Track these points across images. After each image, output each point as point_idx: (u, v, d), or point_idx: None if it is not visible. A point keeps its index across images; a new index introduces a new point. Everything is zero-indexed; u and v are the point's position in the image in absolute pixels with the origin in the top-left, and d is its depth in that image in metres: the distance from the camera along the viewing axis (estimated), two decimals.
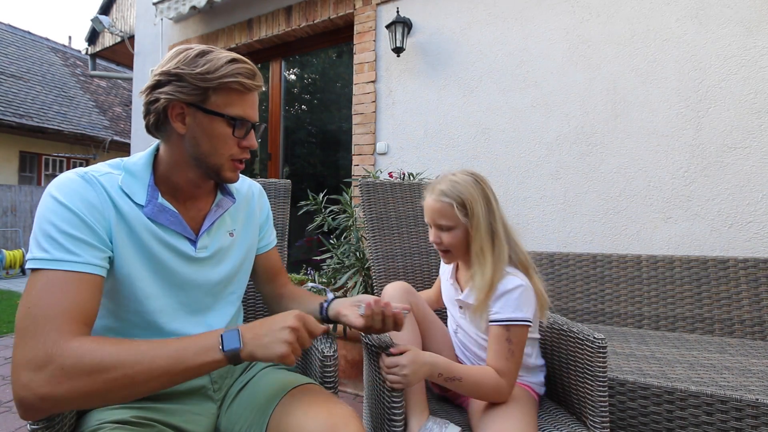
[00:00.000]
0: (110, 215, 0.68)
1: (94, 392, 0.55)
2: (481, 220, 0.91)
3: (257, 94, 0.76)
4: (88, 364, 0.54)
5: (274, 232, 1.03)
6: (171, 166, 0.74)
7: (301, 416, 0.69)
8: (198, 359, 0.59)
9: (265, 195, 0.99)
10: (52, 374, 0.53)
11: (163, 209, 0.73)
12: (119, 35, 5.52)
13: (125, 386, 0.56)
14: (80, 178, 0.67)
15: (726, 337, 1.57)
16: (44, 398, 0.53)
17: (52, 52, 9.92)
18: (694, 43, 1.90)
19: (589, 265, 1.85)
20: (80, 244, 0.62)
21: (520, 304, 0.88)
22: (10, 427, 1.73)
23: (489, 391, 0.87)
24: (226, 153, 0.73)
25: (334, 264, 2.09)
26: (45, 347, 0.54)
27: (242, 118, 0.71)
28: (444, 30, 2.55)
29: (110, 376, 0.55)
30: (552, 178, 2.20)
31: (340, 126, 3.32)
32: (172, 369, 0.58)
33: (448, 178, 0.96)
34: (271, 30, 3.30)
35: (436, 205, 0.95)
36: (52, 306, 0.57)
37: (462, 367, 0.89)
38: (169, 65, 0.68)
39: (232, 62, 0.69)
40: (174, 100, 0.68)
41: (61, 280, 0.59)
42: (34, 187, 7.24)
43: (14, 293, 4.64)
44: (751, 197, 1.77)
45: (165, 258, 0.73)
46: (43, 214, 0.62)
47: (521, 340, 0.88)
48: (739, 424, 1.04)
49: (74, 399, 0.54)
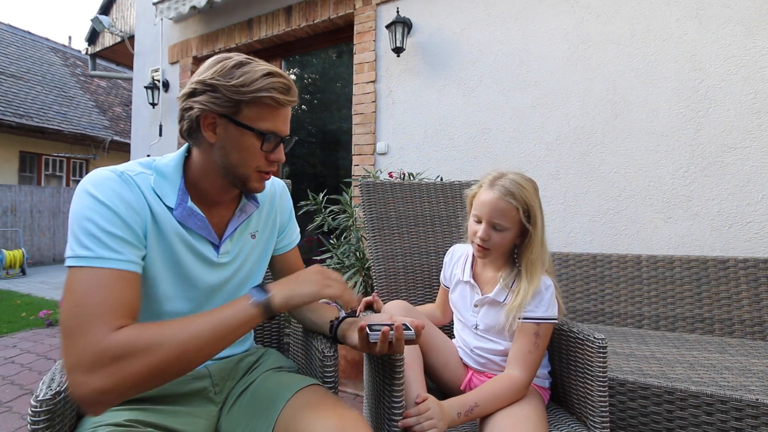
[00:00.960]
0: (146, 215, 0.68)
1: (149, 374, 0.56)
2: (539, 230, 0.93)
3: (290, 108, 0.76)
4: (138, 348, 0.56)
5: (297, 231, 1.01)
6: (201, 172, 0.75)
7: (310, 421, 0.69)
8: (236, 319, 0.63)
9: (288, 193, 0.98)
10: (105, 368, 0.54)
11: (192, 213, 0.74)
12: (119, 35, 5.52)
13: (176, 361, 0.58)
14: (117, 176, 0.67)
15: (726, 337, 1.57)
16: (104, 391, 0.54)
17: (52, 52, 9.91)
18: (694, 43, 1.90)
19: (589, 265, 1.85)
20: (122, 243, 0.63)
21: (552, 304, 0.92)
22: (10, 427, 1.73)
23: (507, 397, 0.88)
24: (254, 165, 0.73)
25: (334, 264, 2.09)
26: (95, 343, 0.55)
27: (272, 133, 0.72)
28: (444, 30, 2.55)
29: (161, 354, 0.56)
30: (552, 178, 2.20)
31: (340, 126, 3.32)
32: (214, 335, 0.61)
33: (510, 179, 0.93)
34: (271, 30, 3.30)
35: (500, 203, 0.91)
36: (99, 304, 0.58)
37: (471, 393, 0.89)
38: (206, 74, 0.69)
39: (268, 76, 0.69)
40: (207, 111, 0.69)
41: (105, 278, 0.60)
42: (34, 187, 7.24)
43: (14, 293, 4.63)
44: (751, 197, 1.77)
45: (188, 261, 0.74)
46: (81, 212, 0.62)
47: (547, 336, 0.92)
48: (739, 424, 1.04)
49: (132, 384, 0.56)
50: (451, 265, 1.14)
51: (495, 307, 0.98)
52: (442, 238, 1.45)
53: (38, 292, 4.75)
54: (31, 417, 0.60)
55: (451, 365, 1.05)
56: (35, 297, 4.44)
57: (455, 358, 1.07)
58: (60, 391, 0.64)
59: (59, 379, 0.67)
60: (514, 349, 0.92)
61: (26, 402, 1.94)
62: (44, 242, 7.26)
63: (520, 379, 0.88)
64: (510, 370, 0.91)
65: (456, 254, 1.14)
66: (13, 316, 3.54)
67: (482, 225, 0.94)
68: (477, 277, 1.05)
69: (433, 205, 1.47)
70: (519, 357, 0.91)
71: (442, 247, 1.44)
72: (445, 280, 1.16)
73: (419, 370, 0.94)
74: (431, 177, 2.37)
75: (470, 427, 0.94)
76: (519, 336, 0.92)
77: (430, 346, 1.04)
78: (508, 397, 0.88)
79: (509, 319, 0.93)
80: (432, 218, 1.46)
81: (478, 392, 0.88)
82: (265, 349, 0.97)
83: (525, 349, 0.90)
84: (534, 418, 0.84)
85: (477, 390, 0.90)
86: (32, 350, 2.68)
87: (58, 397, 0.63)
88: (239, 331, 0.64)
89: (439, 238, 1.45)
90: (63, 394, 0.64)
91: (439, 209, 1.47)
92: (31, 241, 7.04)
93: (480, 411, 0.86)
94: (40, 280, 5.60)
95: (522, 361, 0.90)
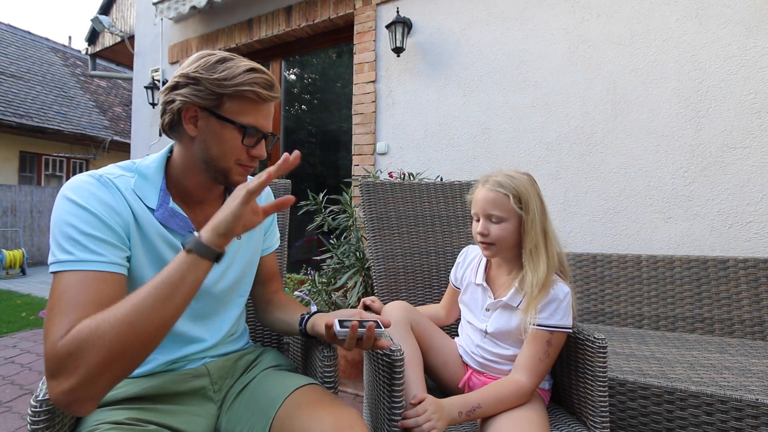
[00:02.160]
0: (128, 217, 0.68)
1: (106, 358, 0.53)
2: (536, 217, 0.92)
3: (273, 105, 0.76)
4: (81, 338, 0.53)
5: (277, 236, 1.02)
6: (182, 169, 0.75)
7: (306, 419, 0.69)
8: (176, 272, 0.59)
9: (273, 197, 0.98)
10: (64, 368, 0.52)
11: (173, 214, 0.74)
12: (119, 35, 5.52)
13: (128, 334, 0.54)
14: (95, 180, 0.67)
15: (726, 337, 1.57)
16: (71, 391, 0.52)
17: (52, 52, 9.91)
18: (694, 43, 1.90)
19: (589, 265, 1.85)
20: (103, 244, 0.63)
21: (567, 312, 0.90)
22: (10, 427, 1.73)
23: (511, 401, 0.87)
24: (234, 157, 0.73)
25: (334, 264, 2.09)
26: (51, 346, 0.54)
27: (253, 127, 0.72)
28: (444, 30, 2.55)
29: (108, 337, 0.53)
30: (552, 178, 2.20)
31: (340, 126, 3.32)
32: (160, 294, 0.57)
33: (503, 173, 0.95)
34: (271, 30, 3.30)
35: (490, 194, 0.93)
36: (72, 303, 0.57)
37: (474, 393, 0.89)
38: (189, 68, 0.70)
39: (251, 71, 0.70)
40: (189, 103, 0.69)
41: (83, 279, 0.59)
42: (34, 187, 7.24)
43: (14, 293, 4.64)
44: (751, 197, 1.77)
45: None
46: (61, 217, 0.62)
47: (559, 345, 0.90)
48: (739, 424, 1.04)
49: (97, 374, 0.53)
50: (464, 267, 1.12)
51: (507, 312, 0.96)
52: (442, 238, 1.45)
53: (38, 292, 4.75)
54: (31, 417, 0.60)
55: (450, 365, 1.05)
56: (35, 297, 4.44)
57: (455, 357, 1.07)
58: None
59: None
60: (524, 354, 0.90)
61: (26, 402, 1.94)
62: (44, 242, 7.26)
63: (526, 386, 0.87)
64: (517, 375, 0.89)
65: (469, 256, 1.13)
66: (13, 316, 3.54)
67: (480, 221, 0.96)
68: (490, 281, 1.04)
69: (433, 205, 1.47)
70: (528, 364, 0.89)
71: (442, 247, 1.44)
72: (455, 280, 1.15)
73: (419, 370, 0.94)
74: (431, 177, 2.37)
75: (470, 427, 0.94)
76: (530, 342, 0.90)
77: (430, 347, 1.04)
78: (511, 402, 0.87)
79: (524, 322, 0.91)
80: (432, 218, 1.46)
81: (481, 393, 0.88)
82: (264, 348, 0.97)
83: (535, 356, 0.88)
84: (537, 420, 0.84)
85: (481, 391, 0.89)
86: (32, 350, 2.68)
87: None
88: (185, 286, 0.59)
89: (439, 238, 1.45)
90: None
91: (439, 209, 1.47)
92: (31, 241, 7.05)
93: (482, 412, 0.86)
94: (40, 280, 5.61)
95: (531, 368, 0.88)
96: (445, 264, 1.43)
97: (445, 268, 1.43)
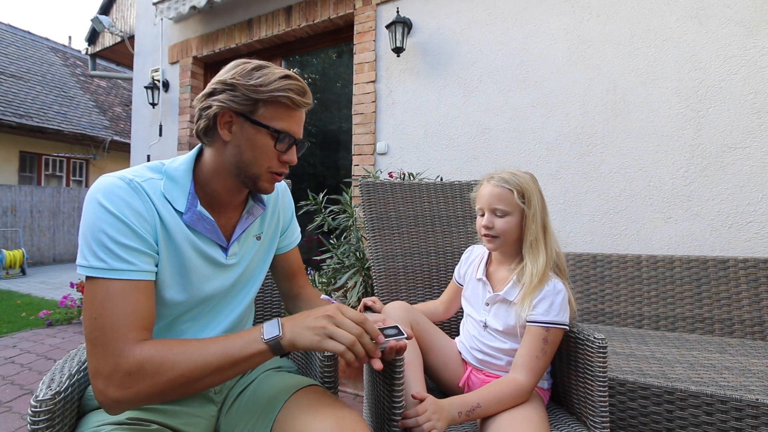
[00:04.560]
0: (155, 223, 0.69)
1: (158, 392, 0.60)
2: (537, 212, 0.96)
3: (304, 112, 0.78)
4: (149, 369, 0.60)
5: (298, 231, 1.03)
6: (212, 173, 0.76)
7: (307, 420, 0.69)
8: (244, 352, 0.62)
9: (289, 193, 0.99)
10: (121, 381, 0.59)
11: (201, 217, 0.74)
12: (119, 35, 5.52)
13: (183, 384, 0.61)
14: (126, 185, 0.68)
15: (726, 337, 1.57)
16: (118, 401, 0.59)
17: (52, 52, 9.91)
18: (694, 43, 1.90)
19: (589, 265, 1.85)
20: (134, 253, 0.65)
21: (563, 309, 0.92)
22: (10, 427, 1.73)
23: (510, 400, 0.87)
24: (266, 164, 0.75)
25: (334, 264, 2.09)
26: (113, 357, 0.59)
27: (286, 133, 0.74)
28: (444, 30, 2.55)
29: (169, 377, 0.60)
30: (552, 178, 2.20)
31: (340, 126, 3.32)
32: (222, 364, 0.62)
33: (507, 171, 1.01)
34: (271, 30, 3.30)
35: (495, 189, 0.98)
36: (117, 317, 0.61)
37: (474, 393, 0.89)
38: (226, 75, 0.72)
39: (285, 78, 0.72)
40: (225, 108, 0.71)
41: (121, 289, 0.63)
42: (34, 187, 7.24)
43: (14, 293, 4.64)
44: (751, 197, 1.77)
45: (196, 264, 0.75)
46: (93, 222, 0.64)
47: (556, 342, 0.92)
48: (739, 424, 1.04)
49: (143, 398, 0.60)
50: (468, 263, 1.15)
51: (505, 306, 0.98)
52: (442, 238, 1.45)
53: (38, 292, 4.75)
54: (31, 417, 0.61)
55: (450, 365, 1.06)
56: (35, 297, 4.44)
57: (455, 357, 1.08)
58: (60, 391, 0.64)
59: (59, 379, 0.67)
60: (521, 353, 0.92)
61: (26, 402, 1.94)
62: (44, 242, 7.26)
63: (524, 385, 0.88)
64: (515, 373, 0.91)
65: (474, 253, 1.16)
66: (13, 316, 3.54)
67: (485, 215, 1.00)
68: (490, 276, 1.06)
69: (433, 205, 1.47)
70: (526, 362, 0.90)
71: (442, 247, 1.44)
72: (459, 277, 1.17)
73: (419, 370, 0.95)
74: (431, 177, 2.37)
75: (470, 427, 0.94)
76: (527, 340, 0.92)
77: (430, 347, 1.05)
78: (511, 401, 0.88)
79: (518, 315, 0.93)
80: (432, 218, 1.46)
81: (481, 393, 0.89)
82: None
83: (532, 354, 0.90)
84: (536, 419, 0.84)
85: (480, 391, 0.90)
86: (32, 350, 2.68)
87: (58, 397, 0.63)
88: (244, 365, 0.63)
89: (439, 238, 1.45)
90: (63, 394, 0.65)
91: (439, 209, 1.47)
92: (31, 241, 7.04)
93: (482, 412, 0.86)
94: (40, 280, 5.61)
95: (528, 366, 0.89)
96: (445, 264, 1.43)
97: (445, 268, 1.43)
